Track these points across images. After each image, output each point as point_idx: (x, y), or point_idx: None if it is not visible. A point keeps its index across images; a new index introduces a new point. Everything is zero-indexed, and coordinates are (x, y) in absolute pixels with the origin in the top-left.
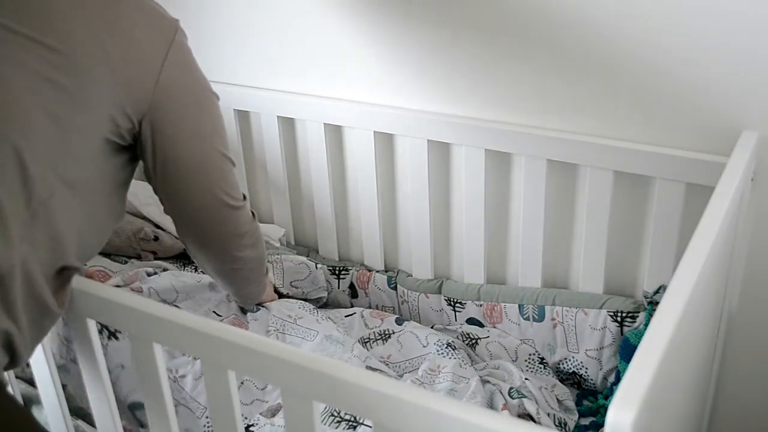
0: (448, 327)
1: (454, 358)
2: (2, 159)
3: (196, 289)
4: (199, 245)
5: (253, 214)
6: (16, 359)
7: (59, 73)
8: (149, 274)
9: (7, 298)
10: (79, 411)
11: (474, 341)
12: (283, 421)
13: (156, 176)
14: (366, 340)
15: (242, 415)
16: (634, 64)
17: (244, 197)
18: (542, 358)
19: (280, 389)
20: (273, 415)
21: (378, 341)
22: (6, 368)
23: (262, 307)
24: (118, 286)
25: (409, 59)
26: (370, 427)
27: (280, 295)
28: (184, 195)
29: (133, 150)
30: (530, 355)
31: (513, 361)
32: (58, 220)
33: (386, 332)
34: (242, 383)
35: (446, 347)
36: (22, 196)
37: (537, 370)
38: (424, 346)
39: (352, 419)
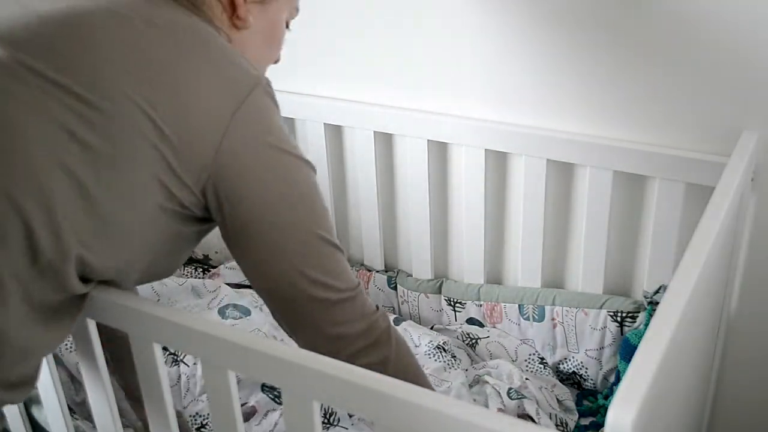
0: (448, 327)
1: (440, 361)
2: (4, 222)
3: (177, 293)
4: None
5: (377, 307)
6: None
7: (89, 130)
8: None
9: None
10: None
11: (474, 341)
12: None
13: (232, 249)
14: None
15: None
16: (634, 64)
17: (358, 284)
18: (542, 358)
19: (280, 389)
20: (246, 420)
21: None
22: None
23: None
24: None
25: (409, 59)
26: (346, 429)
27: None
28: (263, 276)
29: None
30: (530, 355)
31: (513, 361)
32: (72, 278)
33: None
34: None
35: (435, 349)
36: (26, 258)
37: (537, 370)
38: (416, 346)
39: (326, 422)
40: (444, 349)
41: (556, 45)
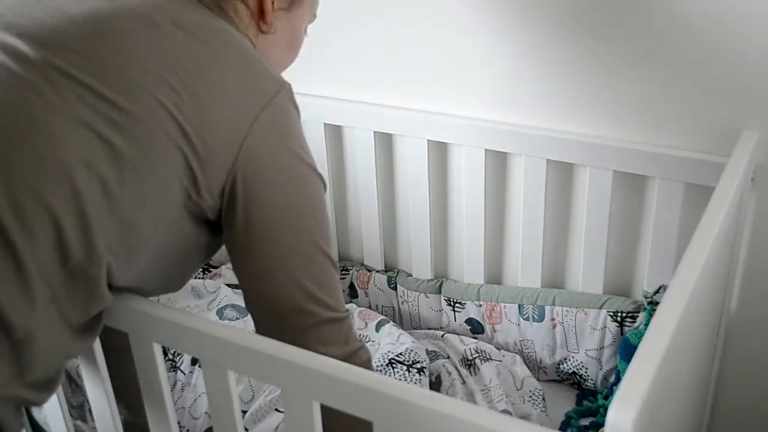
0: (446, 327)
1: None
2: (33, 220)
3: (177, 294)
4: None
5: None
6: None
7: (115, 131)
8: None
9: (21, 363)
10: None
11: (476, 362)
12: None
13: (235, 251)
14: None
15: None
16: (634, 64)
17: (348, 310)
18: (543, 398)
19: (280, 389)
20: None
21: None
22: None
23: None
24: None
25: (409, 59)
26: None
27: None
28: (262, 281)
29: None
30: (535, 389)
31: (517, 390)
32: (102, 285)
33: (361, 338)
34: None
35: (387, 365)
36: (55, 257)
37: (538, 405)
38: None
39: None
40: (394, 364)
41: (556, 45)
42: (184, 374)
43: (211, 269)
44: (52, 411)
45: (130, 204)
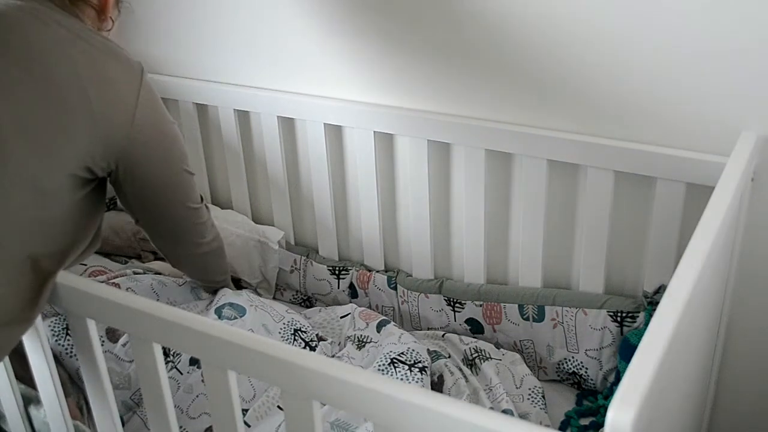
0: (446, 327)
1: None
2: None
3: (177, 293)
4: (172, 244)
5: (204, 205)
6: None
7: (40, 105)
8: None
9: None
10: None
11: (476, 361)
12: None
13: (133, 203)
14: (348, 339)
15: None
16: (635, 64)
17: (201, 198)
18: (543, 397)
19: (280, 389)
20: None
21: (355, 344)
22: None
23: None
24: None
25: (410, 59)
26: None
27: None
28: (158, 212)
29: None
30: (535, 387)
31: (517, 388)
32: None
33: (363, 339)
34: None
35: (389, 365)
36: None
37: (537, 403)
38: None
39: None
40: (396, 364)
41: (556, 45)
42: (181, 374)
43: None
44: (52, 411)
45: (45, 164)
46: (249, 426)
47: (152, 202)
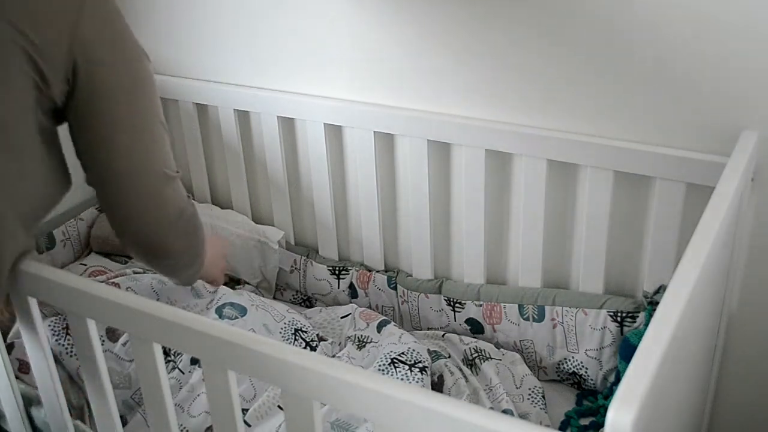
0: (446, 327)
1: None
2: None
3: (176, 292)
4: (129, 220)
5: (190, 196)
6: None
7: None
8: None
9: None
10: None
11: (476, 361)
12: None
13: (81, 138)
14: (348, 340)
15: None
16: (635, 64)
17: (178, 172)
18: (544, 397)
19: (280, 389)
20: None
21: (355, 344)
22: None
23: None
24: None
25: (410, 59)
26: None
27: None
28: (116, 164)
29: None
30: (535, 387)
31: (517, 388)
32: None
33: (363, 339)
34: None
35: (389, 365)
36: None
37: (537, 403)
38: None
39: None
40: (396, 364)
41: (556, 46)
42: (183, 373)
43: None
44: (52, 411)
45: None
46: (249, 426)
47: (105, 148)
